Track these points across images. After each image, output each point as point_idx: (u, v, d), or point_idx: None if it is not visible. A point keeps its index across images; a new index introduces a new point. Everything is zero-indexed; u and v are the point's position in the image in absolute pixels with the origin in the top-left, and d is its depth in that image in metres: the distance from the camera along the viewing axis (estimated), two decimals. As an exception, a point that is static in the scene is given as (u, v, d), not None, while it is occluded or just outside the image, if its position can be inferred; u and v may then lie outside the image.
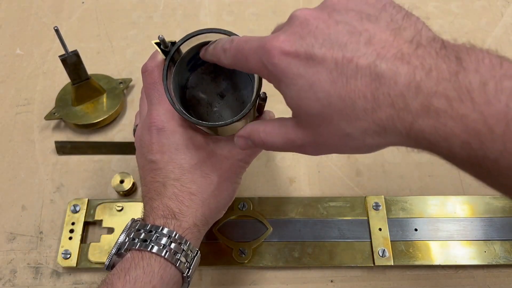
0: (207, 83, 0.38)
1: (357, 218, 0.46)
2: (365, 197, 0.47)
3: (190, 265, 0.32)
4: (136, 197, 0.49)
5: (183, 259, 0.31)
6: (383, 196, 0.47)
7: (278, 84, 0.27)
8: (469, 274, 0.45)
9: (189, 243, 0.32)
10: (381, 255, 0.44)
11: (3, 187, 0.50)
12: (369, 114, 0.24)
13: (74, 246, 0.45)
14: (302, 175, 0.50)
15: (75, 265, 0.44)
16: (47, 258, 0.46)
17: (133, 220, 0.34)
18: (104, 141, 0.53)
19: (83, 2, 0.64)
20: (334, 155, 0.51)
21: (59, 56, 0.48)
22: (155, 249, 0.30)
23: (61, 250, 0.44)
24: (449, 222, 0.46)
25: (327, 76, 0.24)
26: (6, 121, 0.54)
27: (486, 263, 0.44)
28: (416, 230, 0.46)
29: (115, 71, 0.58)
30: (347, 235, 0.45)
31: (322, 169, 0.51)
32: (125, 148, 0.52)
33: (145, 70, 0.35)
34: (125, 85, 0.55)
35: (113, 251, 0.32)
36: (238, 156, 0.35)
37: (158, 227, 0.31)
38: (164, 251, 0.30)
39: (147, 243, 0.31)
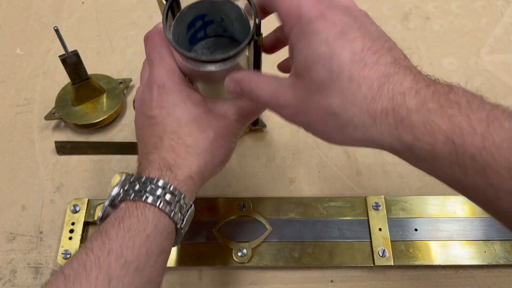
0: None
1: (357, 218, 0.46)
2: (365, 197, 0.47)
3: (184, 217, 0.32)
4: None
5: (177, 211, 0.31)
6: (383, 196, 0.47)
7: (300, 38, 0.28)
8: (469, 274, 0.45)
9: (184, 195, 0.32)
10: (381, 255, 0.44)
11: (3, 187, 0.50)
12: (366, 102, 0.26)
13: (74, 246, 0.45)
14: (302, 175, 0.50)
15: (75, 265, 0.44)
16: (47, 258, 0.46)
17: (127, 174, 0.33)
18: (104, 141, 0.53)
19: (83, 2, 0.65)
20: (334, 155, 0.51)
21: (59, 56, 0.48)
22: (149, 199, 0.30)
23: (61, 250, 0.44)
24: (449, 222, 0.46)
25: (349, 55, 0.26)
26: (6, 121, 0.54)
27: (486, 263, 0.44)
28: (416, 230, 0.46)
29: (115, 71, 0.58)
30: (347, 235, 0.45)
31: (322, 169, 0.51)
32: (125, 148, 0.52)
33: (147, 37, 0.36)
34: (125, 85, 0.55)
35: (107, 203, 0.32)
36: (234, 116, 0.35)
37: (153, 179, 0.31)
38: (159, 201, 0.30)
39: (142, 193, 0.31)
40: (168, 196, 0.31)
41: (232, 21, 0.38)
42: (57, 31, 0.46)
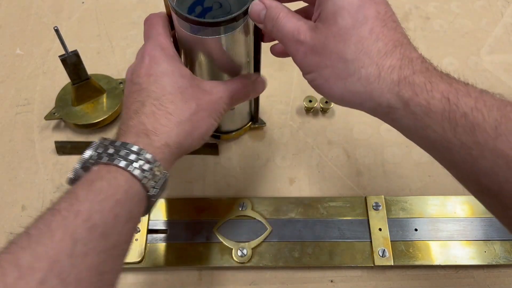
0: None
1: (357, 218, 0.46)
2: (365, 197, 0.47)
3: (157, 185, 0.31)
4: (136, 197, 0.49)
5: (150, 178, 0.31)
6: (383, 196, 0.47)
7: None
8: (469, 274, 0.45)
9: (159, 163, 0.31)
10: (381, 255, 0.44)
11: (3, 187, 0.50)
12: (379, 56, 0.29)
13: (74, 246, 0.45)
14: (302, 175, 0.50)
15: (75, 265, 0.44)
16: (47, 258, 0.46)
17: (103, 138, 0.33)
18: (104, 141, 0.53)
19: (83, 2, 0.65)
20: (334, 155, 0.51)
21: (59, 56, 0.48)
22: (122, 164, 0.30)
23: (61, 250, 0.44)
24: (449, 222, 0.46)
25: (375, 12, 0.30)
26: (6, 121, 0.54)
27: (486, 263, 0.44)
28: (416, 230, 0.46)
29: (115, 71, 0.58)
30: (347, 235, 0.45)
31: (322, 169, 0.51)
32: (125, 148, 0.52)
33: (147, 19, 0.38)
34: (125, 85, 0.55)
35: (78, 165, 0.31)
36: (220, 94, 0.36)
37: (127, 144, 0.31)
38: (132, 166, 0.30)
39: (115, 157, 0.30)
40: (141, 162, 0.30)
41: (230, 5, 0.38)
42: (57, 31, 0.46)
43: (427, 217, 0.46)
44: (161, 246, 0.45)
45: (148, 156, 0.31)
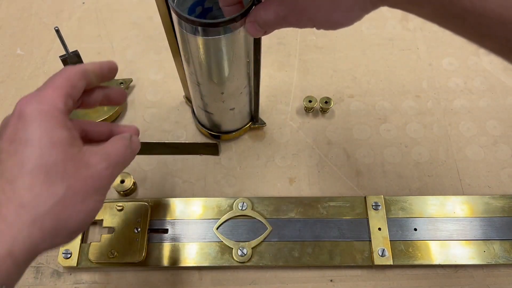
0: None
1: (357, 218, 0.47)
2: (365, 197, 0.47)
3: None
4: (136, 197, 0.49)
5: None
6: (382, 196, 0.47)
7: None
8: (468, 274, 0.45)
9: None
10: (380, 254, 0.44)
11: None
12: None
13: (74, 245, 0.45)
14: (302, 175, 0.51)
15: (75, 264, 0.44)
16: (48, 258, 0.46)
17: None
18: (104, 141, 0.53)
19: (83, 3, 0.65)
20: (334, 155, 0.51)
21: (60, 57, 0.48)
22: None
23: (61, 249, 0.45)
24: (449, 222, 0.46)
25: None
26: (6, 121, 0.55)
27: (485, 263, 0.44)
28: (415, 230, 0.46)
29: (115, 71, 0.58)
30: (347, 235, 0.46)
31: (322, 169, 0.51)
32: (125, 148, 0.52)
33: (63, 69, 0.31)
34: (126, 85, 0.55)
35: None
36: (101, 164, 0.28)
37: None
38: None
39: None
40: None
41: None
42: (57, 31, 0.46)
43: (427, 217, 0.47)
44: (161, 246, 0.45)
45: None
